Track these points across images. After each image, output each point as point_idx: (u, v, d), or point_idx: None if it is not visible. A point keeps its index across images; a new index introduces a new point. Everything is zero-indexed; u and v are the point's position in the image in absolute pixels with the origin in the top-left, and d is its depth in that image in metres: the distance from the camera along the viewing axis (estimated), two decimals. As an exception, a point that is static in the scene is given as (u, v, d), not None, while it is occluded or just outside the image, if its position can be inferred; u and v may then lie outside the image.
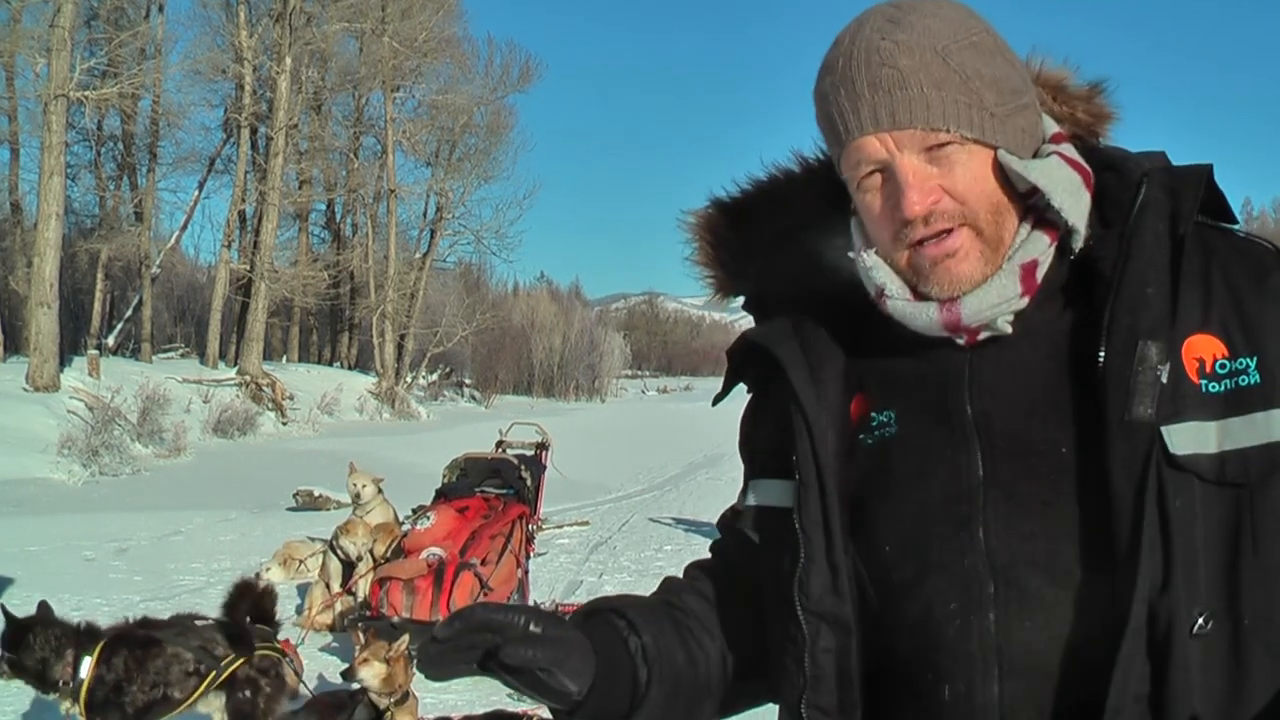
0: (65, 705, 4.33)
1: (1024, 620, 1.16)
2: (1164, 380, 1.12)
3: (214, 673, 4.46)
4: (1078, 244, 1.20)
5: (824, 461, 1.25)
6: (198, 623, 4.64)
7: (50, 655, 4.28)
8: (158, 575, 9.28)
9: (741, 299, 1.43)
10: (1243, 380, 1.13)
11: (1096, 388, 1.15)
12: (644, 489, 17.12)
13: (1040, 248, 1.20)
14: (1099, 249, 1.20)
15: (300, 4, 30.09)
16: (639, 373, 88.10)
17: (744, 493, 1.38)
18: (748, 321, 1.42)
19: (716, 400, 1.48)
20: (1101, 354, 1.14)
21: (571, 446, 15.41)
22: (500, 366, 51.37)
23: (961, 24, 1.20)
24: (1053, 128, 1.26)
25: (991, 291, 1.18)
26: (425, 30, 34.99)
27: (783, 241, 1.37)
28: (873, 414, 1.28)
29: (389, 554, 7.43)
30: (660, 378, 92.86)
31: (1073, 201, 1.19)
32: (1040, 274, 1.20)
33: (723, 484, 17.16)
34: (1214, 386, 1.14)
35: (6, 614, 4.41)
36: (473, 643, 1.15)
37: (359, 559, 7.65)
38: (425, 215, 40.55)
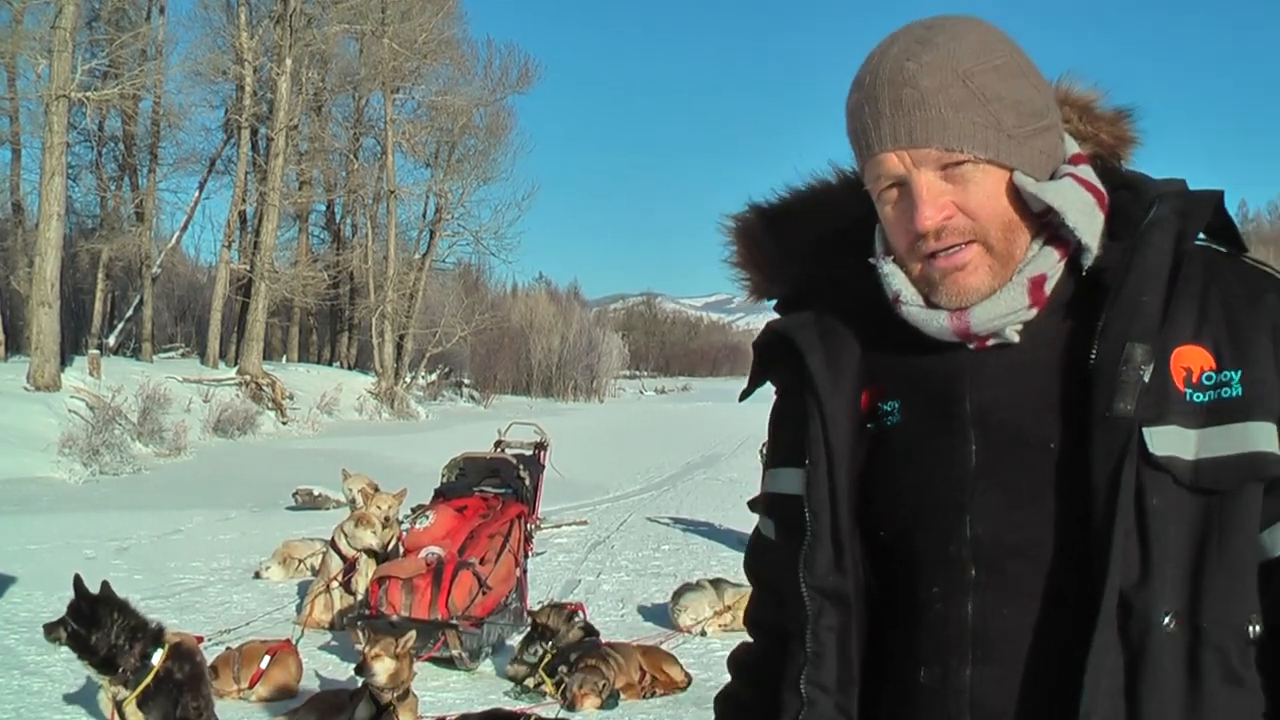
0: (114, 690, 4.44)
1: (1002, 608, 1.21)
2: (1146, 380, 1.16)
3: None
4: (1088, 261, 1.24)
5: (834, 443, 1.29)
6: None
7: (125, 643, 4.42)
8: (158, 574, 9.29)
9: (773, 300, 1.47)
10: (1225, 392, 1.18)
11: (1087, 386, 1.19)
12: (642, 489, 17.07)
13: (1050, 263, 1.25)
14: (1104, 259, 1.24)
15: (301, 6, 30.09)
16: (637, 373, 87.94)
17: (762, 483, 1.43)
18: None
19: (743, 396, 1.49)
20: (1094, 354, 1.19)
21: (570, 446, 15.46)
22: (499, 367, 51.37)
23: (988, 47, 1.24)
24: (1073, 148, 1.30)
25: (1000, 303, 1.24)
26: (425, 32, 34.96)
27: (816, 247, 1.42)
28: (880, 404, 1.32)
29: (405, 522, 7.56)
30: (658, 378, 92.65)
31: (1086, 221, 1.23)
32: (1049, 287, 1.25)
33: (720, 484, 17.19)
34: (1198, 396, 1.18)
35: (80, 588, 4.51)
36: None
37: (382, 545, 7.59)
38: (424, 216, 40.52)
